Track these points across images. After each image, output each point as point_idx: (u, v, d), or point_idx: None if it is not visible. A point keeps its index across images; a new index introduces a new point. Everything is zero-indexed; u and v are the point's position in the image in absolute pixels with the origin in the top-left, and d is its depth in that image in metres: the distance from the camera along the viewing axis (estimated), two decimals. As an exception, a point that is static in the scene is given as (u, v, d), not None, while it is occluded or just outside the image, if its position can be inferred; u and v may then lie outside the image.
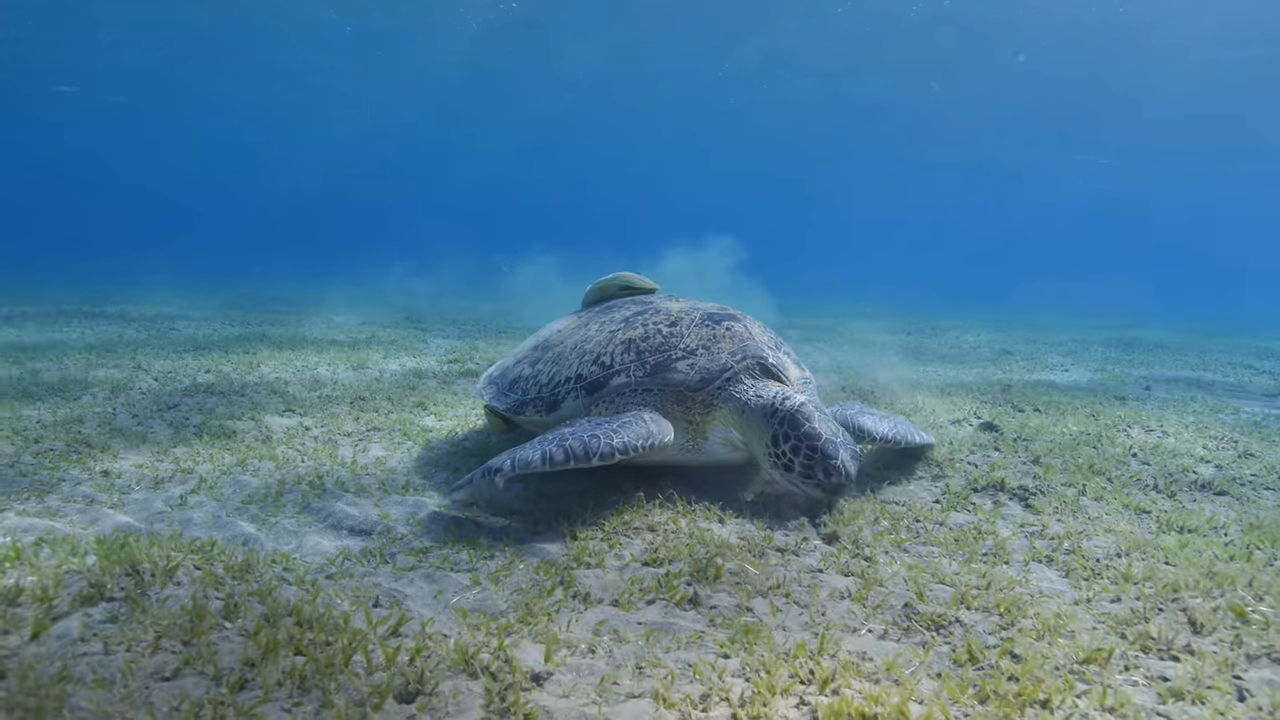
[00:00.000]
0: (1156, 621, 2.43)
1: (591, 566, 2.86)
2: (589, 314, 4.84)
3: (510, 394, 4.39)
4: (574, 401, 4.01)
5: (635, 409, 3.79)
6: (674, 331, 4.03)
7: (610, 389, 3.92)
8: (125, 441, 4.52)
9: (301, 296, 18.76)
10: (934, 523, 3.52)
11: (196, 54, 34.12)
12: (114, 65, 34.60)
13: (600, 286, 5.31)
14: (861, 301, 26.49)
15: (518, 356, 4.78)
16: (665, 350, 3.93)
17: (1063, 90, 37.58)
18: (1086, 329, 17.50)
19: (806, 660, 2.09)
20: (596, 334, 4.26)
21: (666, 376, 3.85)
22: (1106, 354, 12.31)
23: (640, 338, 4.04)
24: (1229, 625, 2.41)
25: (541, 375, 4.29)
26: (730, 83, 38.13)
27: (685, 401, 3.83)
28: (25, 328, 10.49)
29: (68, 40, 31.09)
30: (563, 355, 4.28)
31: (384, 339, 10.55)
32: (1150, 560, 3.03)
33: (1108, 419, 5.91)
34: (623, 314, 4.44)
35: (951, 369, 9.74)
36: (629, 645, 2.22)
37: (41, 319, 11.54)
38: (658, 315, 4.22)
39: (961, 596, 2.60)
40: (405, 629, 2.28)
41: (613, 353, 4.03)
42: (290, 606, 2.29)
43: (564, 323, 4.96)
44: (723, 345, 3.94)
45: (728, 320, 4.12)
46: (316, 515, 3.47)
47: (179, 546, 2.72)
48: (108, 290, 18.39)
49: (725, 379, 3.81)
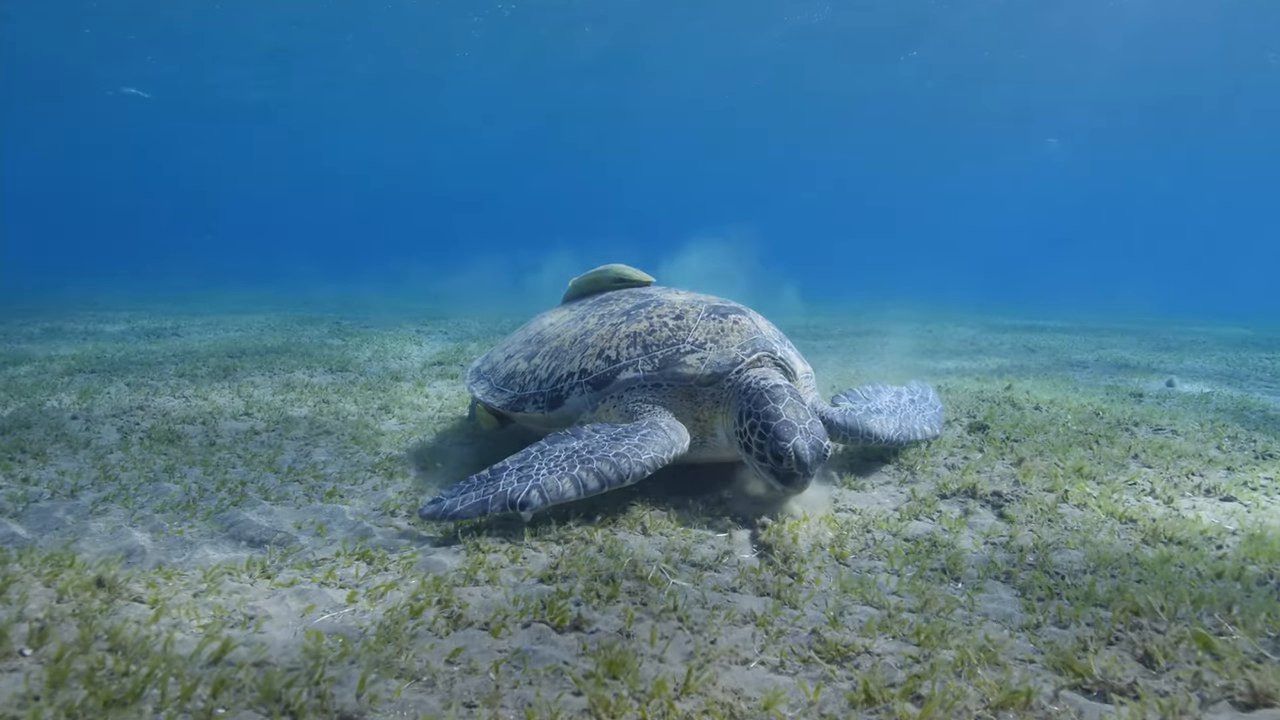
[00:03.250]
0: (1105, 655, 2.08)
1: (481, 584, 2.59)
2: (583, 306, 4.61)
3: (506, 389, 4.18)
4: (579, 397, 3.83)
5: (644, 409, 3.64)
6: (680, 325, 3.84)
7: (617, 384, 3.74)
8: (65, 447, 4.39)
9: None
10: (888, 533, 3.18)
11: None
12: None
13: (592, 278, 5.05)
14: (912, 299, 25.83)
15: (508, 351, 4.56)
16: (673, 344, 3.76)
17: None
18: (1124, 321, 16.74)
19: (663, 701, 1.80)
20: (597, 327, 4.06)
21: (676, 371, 3.67)
22: (1138, 346, 11.67)
23: (645, 331, 3.86)
24: (1191, 660, 2.05)
25: (540, 370, 4.08)
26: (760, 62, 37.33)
27: (694, 397, 3.68)
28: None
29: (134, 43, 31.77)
30: (562, 349, 4.07)
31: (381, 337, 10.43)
32: (1121, 578, 2.66)
33: (1114, 417, 5.46)
34: (622, 306, 4.25)
35: (966, 362, 9.27)
36: (476, 678, 1.95)
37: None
38: (661, 308, 4.03)
39: (883, 622, 2.28)
40: (231, 656, 2.03)
41: (617, 346, 3.84)
42: (111, 630, 2.06)
43: (555, 316, 4.72)
44: (731, 339, 3.76)
45: (734, 313, 3.93)
46: (221, 525, 3.26)
47: (29, 562, 2.52)
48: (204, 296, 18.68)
49: (736, 372, 3.63)
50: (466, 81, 40.03)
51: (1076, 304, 27.83)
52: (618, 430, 3.44)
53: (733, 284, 16.56)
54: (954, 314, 19.56)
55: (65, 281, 25.60)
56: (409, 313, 15.87)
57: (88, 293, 20.06)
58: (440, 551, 2.93)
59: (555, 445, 3.39)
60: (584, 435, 3.44)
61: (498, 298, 19.87)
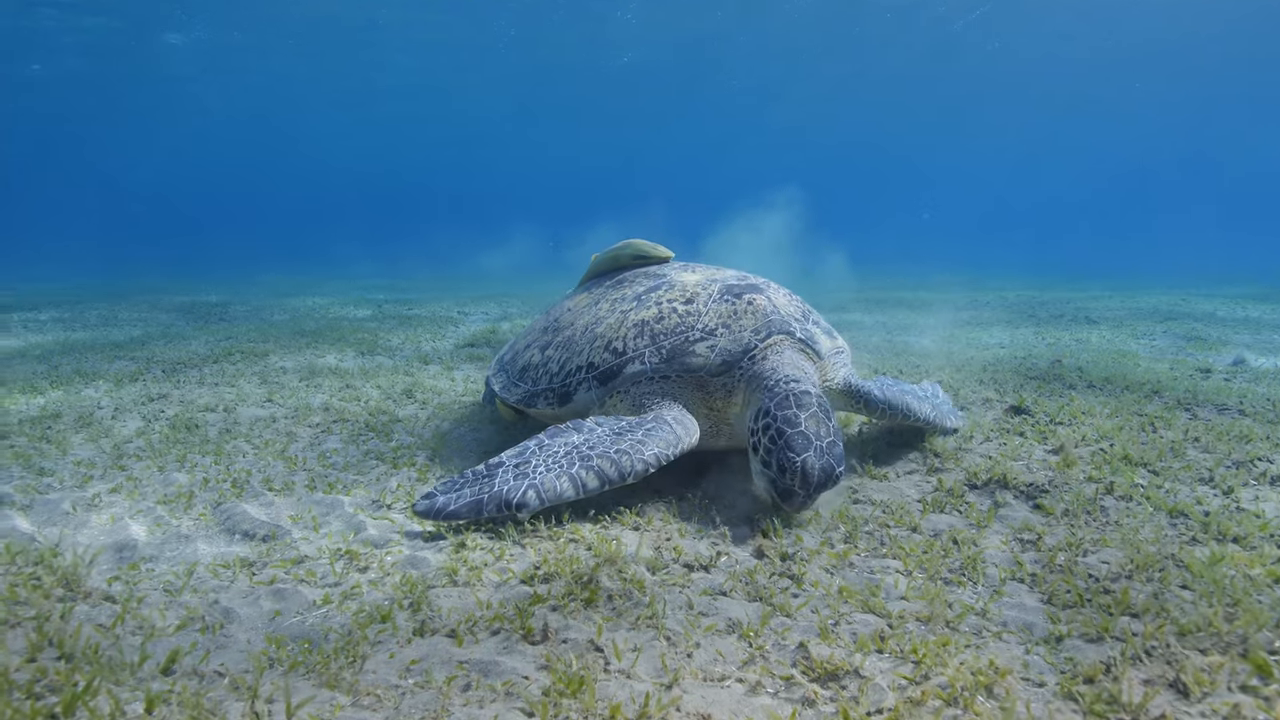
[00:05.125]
0: (1130, 678, 1.83)
1: (460, 584, 2.47)
2: (601, 289, 4.46)
3: (520, 383, 4.07)
4: (586, 393, 3.68)
5: (654, 401, 3.46)
6: (690, 310, 3.64)
7: (624, 378, 3.56)
8: (87, 436, 4.44)
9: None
10: (905, 529, 2.95)
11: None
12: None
13: (611, 256, 4.89)
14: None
15: (528, 339, 4.45)
16: (682, 332, 3.55)
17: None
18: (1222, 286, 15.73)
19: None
20: (607, 315, 3.90)
21: (685, 362, 3.47)
22: (1211, 317, 10.91)
23: (654, 319, 3.66)
24: (1232, 686, 1.78)
25: (552, 362, 3.95)
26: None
27: (705, 387, 3.47)
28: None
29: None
30: (573, 340, 3.94)
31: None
32: (1160, 582, 2.38)
33: (1175, 395, 5.03)
34: (634, 290, 4.07)
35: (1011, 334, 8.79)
36: (427, 694, 1.82)
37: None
38: (672, 291, 3.83)
39: (882, 634, 2.06)
40: (180, 664, 1.95)
41: (625, 337, 3.66)
42: (61, 634, 2.00)
43: (575, 299, 4.59)
44: (744, 322, 3.53)
45: (749, 293, 3.68)
46: (218, 517, 3.22)
47: (5, 558, 2.49)
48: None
49: (749, 360, 3.40)
50: (507, 58, 39.99)
51: (1162, 269, 26.48)
52: (622, 424, 3.26)
53: (776, 256, 16.19)
54: (1011, 282, 18.74)
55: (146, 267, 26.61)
56: (455, 293, 15.97)
57: (174, 278, 20.78)
58: (427, 548, 2.82)
59: (555, 440, 3.22)
60: (585, 429, 3.27)
61: (546, 274, 19.87)
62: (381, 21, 32.85)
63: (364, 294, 16.32)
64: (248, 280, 21.37)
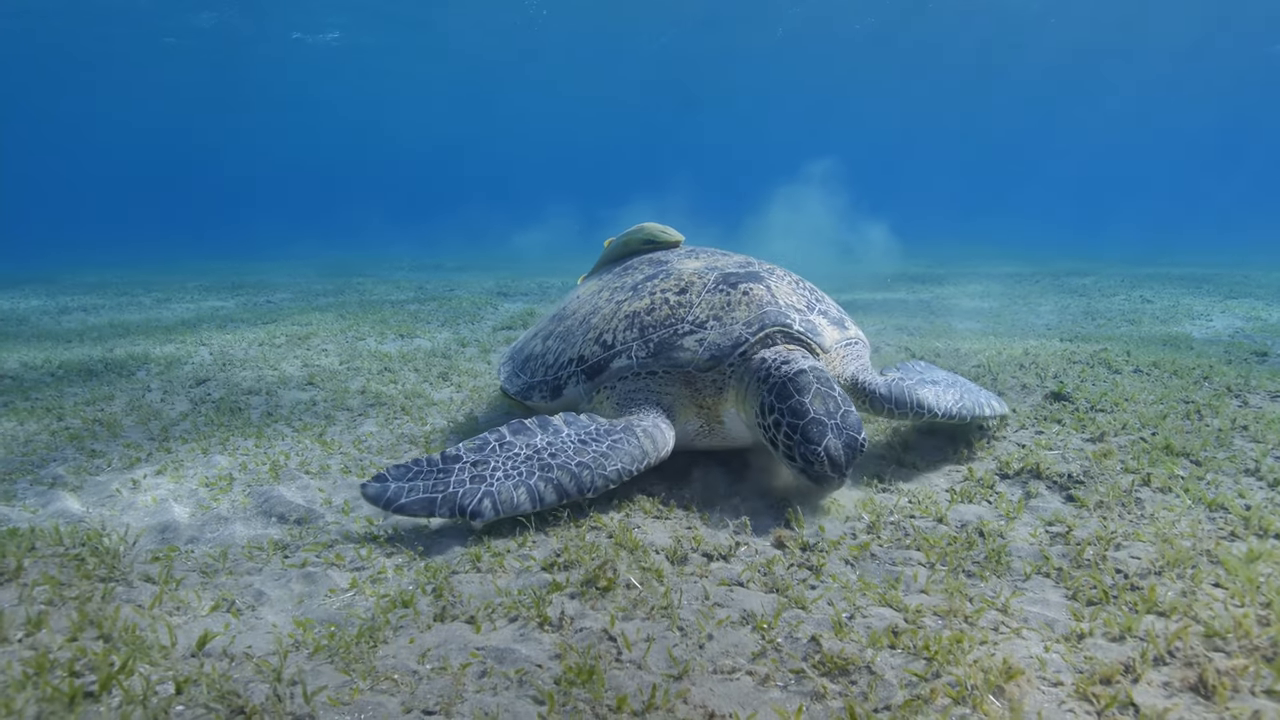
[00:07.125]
0: (1150, 680, 1.79)
1: (483, 571, 2.52)
2: (609, 276, 4.44)
3: (521, 374, 4.08)
4: (575, 388, 3.64)
5: (638, 400, 3.36)
6: (682, 301, 3.53)
7: (611, 372, 3.48)
8: (135, 418, 4.62)
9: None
10: (931, 520, 2.91)
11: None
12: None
13: (624, 240, 4.88)
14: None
15: (537, 329, 4.47)
16: (671, 324, 3.43)
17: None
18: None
19: (624, 717, 1.66)
20: (604, 305, 3.85)
21: (672, 356, 3.34)
22: (1275, 295, 10.44)
23: (645, 310, 3.57)
24: (1256, 690, 1.73)
25: (549, 354, 3.95)
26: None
27: (694, 383, 3.33)
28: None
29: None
30: (570, 331, 3.91)
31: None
32: (1193, 580, 2.31)
33: (1226, 381, 4.85)
34: (633, 279, 4.01)
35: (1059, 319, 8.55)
36: (443, 680, 1.87)
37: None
38: (667, 280, 3.73)
39: (896, 629, 2.05)
40: (212, 645, 2.03)
41: (615, 329, 3.59)
42: (101, 616, 2.10)
43: (586, 287, 4.58)
44: (737, 314, 3.38)
45: (746, 282, 3.54)
46: (256, 500, 3.33)
47: (54, 539, 2.62)
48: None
49: (740, 354, 3.26)
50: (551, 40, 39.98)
51: (1226, 245, 25.39)
52: (589, 430, 3.13)
53: (817, 236, 15.95)
54: (1067, 258, 18.17)
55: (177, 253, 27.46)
56: (497, 273, 16.12)
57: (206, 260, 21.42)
58: (451, 536, 2.88)
59: (518, 437, 3.10)
60: (551, 429, 3.14)
61: (586, 255, 19.92)
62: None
63: (407, 275, 16.58)
64: (300, 259, 21.87)
